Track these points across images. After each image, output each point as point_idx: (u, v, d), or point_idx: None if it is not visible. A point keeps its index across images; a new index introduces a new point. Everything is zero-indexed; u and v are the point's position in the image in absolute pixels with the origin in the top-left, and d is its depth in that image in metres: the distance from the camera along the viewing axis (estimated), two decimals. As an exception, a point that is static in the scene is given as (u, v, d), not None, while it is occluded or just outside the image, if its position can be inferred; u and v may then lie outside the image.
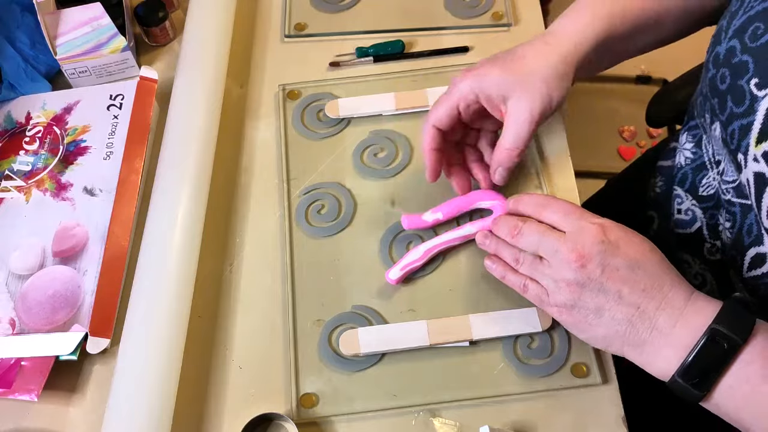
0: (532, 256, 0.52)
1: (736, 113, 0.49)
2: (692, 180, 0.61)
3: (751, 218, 0.52)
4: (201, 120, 0.66)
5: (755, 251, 0.52)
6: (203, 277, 0.61)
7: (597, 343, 0.51)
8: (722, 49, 0.51)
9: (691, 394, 0.46)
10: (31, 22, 0.73)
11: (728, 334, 0.45)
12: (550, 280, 0.50)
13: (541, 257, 0.51)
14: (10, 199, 0.67)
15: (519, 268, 0.53)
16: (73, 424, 0.57)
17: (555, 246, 0.50)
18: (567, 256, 0.49)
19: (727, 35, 0.51)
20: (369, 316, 0.59)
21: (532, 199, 0.54)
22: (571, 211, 0.51)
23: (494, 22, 0.75)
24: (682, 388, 0.46)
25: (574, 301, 0.49)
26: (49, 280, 0.61)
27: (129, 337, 0.56)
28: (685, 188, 0.62)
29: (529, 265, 0.52)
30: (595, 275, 0.48)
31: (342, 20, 0.77)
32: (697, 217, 0.60)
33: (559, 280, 0.50)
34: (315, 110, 0.71)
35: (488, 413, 0.55)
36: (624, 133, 1.69)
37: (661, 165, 0.72)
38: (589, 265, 0.48)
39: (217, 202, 0.66)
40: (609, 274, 0.48)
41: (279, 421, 0.55)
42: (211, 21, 0.72)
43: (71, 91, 0.73)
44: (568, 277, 0.49)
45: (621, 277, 0.48)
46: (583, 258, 0.48)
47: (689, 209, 0.61)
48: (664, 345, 0.47)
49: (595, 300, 0.48)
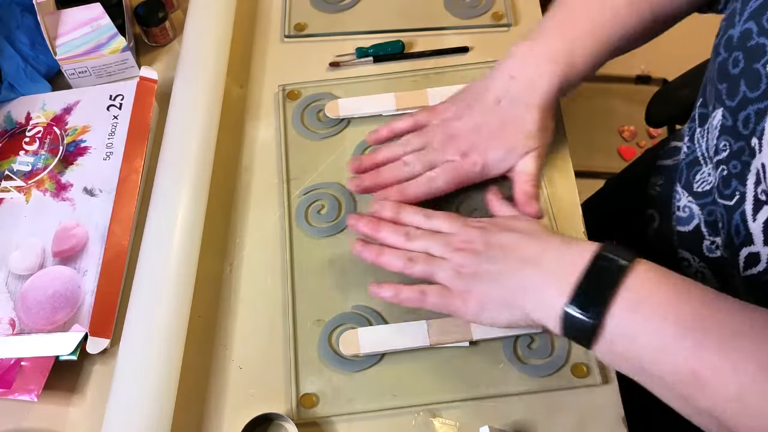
0: (424, 255, 0.54)
1: (750, 98, 0.48)
2: (687, 176, 0.61)
3: (736, 218, 0.52)
4: (201, 120, 0.66)
5: (747, 251, 0.52)
6: (203, 277, 0.61)
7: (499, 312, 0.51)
8: (736, 32, 0.50)
9: (583, 326, 0.45)
10: (31, 22, 0.73)
11: (613, 257, 0.46)
12: (448, 271, 0.52)
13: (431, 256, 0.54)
14: (10, 199, 0.67)
15: (413, 267, 0.54)
16: (73, 424, 0.57)
17: (445, 241, 0.54)
18: (456, 246, 0.53)
19: (741, 17, 0.50)
20: (369, 316, 0.59)
21: (415, 210, 0.57)
22: (454, 218, 0.56)
23: (494, 22, 0.75)
24: (574, 321, 0.46)
25: (470, 280, 0.51)
26: (49, 280, 0.61)
27: (129, 337, 0.56)
28: (681, 184, 0.62)
29: (424, 262, 0.54)
30: (483, 250, 0.52)
31: (342, 20, 0.77)
32: (695, 214, 0.60)
33: (455, 267, 0.52)
34: (315, 110, 0.71)
35: (488, 413, 0.55)
36: (624, 133, 1.69)
37: (661, 164, 0.72)
38: (475, 246, 0.52)
39: (217, 202, 0.66)
40: (493, 245, 0.52)
41: (279, 421, 0.55)
42: (211, 21, 0.72)
43: (71, 91, 0.73)
44: (460, 261, 0.52)
45: (504, 242, 0.52)
46: (470, 243, 0.53)
47: (686, 206, 0.61)
48: (550, 282, 0.48)
49: (485, 268, 0.51)
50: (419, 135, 0.62)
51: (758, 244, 0.50)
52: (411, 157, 0.61)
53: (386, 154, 0.62)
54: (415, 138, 0.62)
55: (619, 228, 0.77)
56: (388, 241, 0.56)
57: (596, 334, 0.45)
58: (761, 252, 0.50)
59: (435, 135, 0.61)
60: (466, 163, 0.59)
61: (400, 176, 0.61)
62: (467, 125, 0.60)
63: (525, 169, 0.59)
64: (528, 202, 0.58)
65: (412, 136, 0.62)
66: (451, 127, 0.61)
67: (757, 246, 0.50)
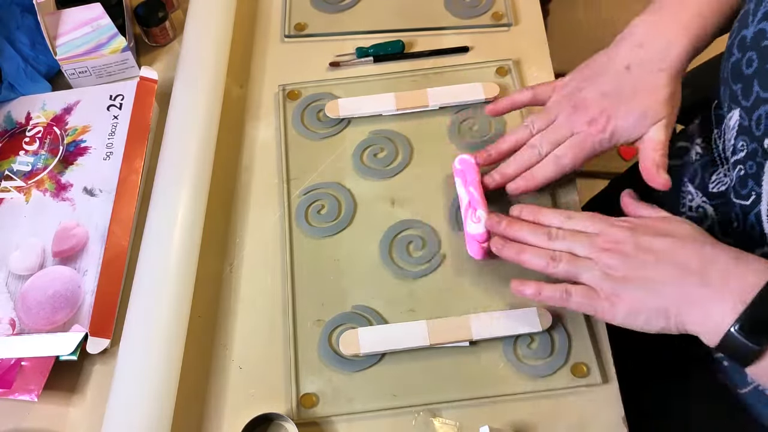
0: (568, 254, 0.52)
1: (764, 98, 0.48)
2: (702, 176, 0.61)
3: (751, 218, 0.52)
4: (201, 120, 0.66)
5: (760, 252, 0.51)
6: (203, 277, 0.61)
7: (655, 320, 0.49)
8: (749, 33, 0.50)
9: (746, 349, 0.44)
10: (31, 22, 0.73)
11: None
12: (595, 272, 0.51)
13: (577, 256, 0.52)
14: (10, 200, 0.67)
15: (557, 266, 0.52)
16: (73, 424, 0.57)
17: (589, 241, 0.52)
18: (602, 246, 0.51)
19: (755, 18, 0.50)
20: (369, 316, 0.59)
21: (555, 211, 0.56)
22: (597, 218, 0.54)
23: (494, 22, 0.75)
24: (737, 343, 0.45)
25: (620, 284, 0.50)
26: (49, 280, 0.61)
27: (129, 337, 0.56)
28: (695, 185, 0.62)
29: (567, 262, 0.52)
30: (633, 253, 0.50)
31: (342, 20, 0.77)
32: (708, 215, 0.60)
33: (603, 269, 0.50)
34: (315, 110, 0.71)
35: (488, 413, 0.55)
36: (624, 133, 1.69)
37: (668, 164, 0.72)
38: (624, 248, 0.50)
39: (217, 202, 0.66)
40: (644, 248, 0.50)
41: (279, 421, 0.55)
42: (211, 21, 0.72)
43: (71, 91, 0.73)
44: (609, 262, 0.50)
45: (657, 248, 0.49)
46: (618, 243, 0.51)
47: (700, 206, 0.61)
48: (718, 299, 0.46)
49: (639, 274, 0.49)
50: (542, 115, 0.60)
51: None
52: (536, 139, 0.59)
53: (512, 140, 0.61)
54: (539, 119, 0.60)
55: None
56: (529, 242, 0.55)
57: (756, 359, 0.45)
58: None
59: (560, 110, 0.60)
60: (593, 130, 0.57)
61: (530, 162, 0.59)
62: (593, 94, 0.58)
63: (655, 136, 0.57)
64: (657, 171, 0.56)
65: (535, 116, 0.61)
66: (576, 98, 0.59)
67: None
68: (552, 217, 0.55)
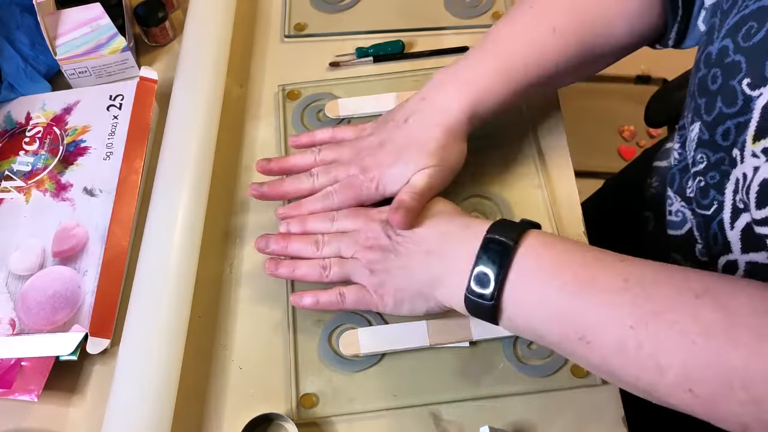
0: (337, 259, 0.56)
1: (728, 113, 0.48)
2: (679, 181, 0.61)
3: (714, 227, 0.52)
4: (201, 120, 0.66)
5: (725, 259, 0.52)
6: (203, 277, 0.61)
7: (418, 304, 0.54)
8: (714, 49, 0.50)
9: (484, 307, 0.48)
10: (31, 22, 0.73)
11: (500, 239, 0.48)
12: (361, 270, 0.55)
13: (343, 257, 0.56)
14: (10, 200, 0.67)
15: (329, 274, 0.56)
16: (73, 424, 0.57)
17: (352, 240, 0.56)
18: (364, 243, 0.55)
19: (719, 34, 0.50)
20: (369, 316, 0.59)
21: (320, 217, 0.59)
22: (356, 212, 0.58)
23: (494, 22, 0.75)
24: (476, 304, 0.49)
25: (382, 277, 0.54)
26: (49, 280, 0.61)
27: (129, 337, 0.56)
28: (674, 189, 0.62)
29: (337, 266, 0.56)
30: (389, 246, 0.54)
31: (342, 20, 0.77)
32: (687, 219, 0.60)
33: (366, 265, 0.55)
34: (315, 110, 0.71)
35: (488, 413, 0.55)
36: (624, 133, 1.69)
37: (656, 165, 0.72)
38: (381, 242, 0.55)
39: (217, 202, 0.66)
40: (397, 239, 0.54)
41: (279, 421, 0.55)
42: (211, 21, 0.72)
43: (71, 91, 0.73)
44: (371, 257, 0.55)
45: (407, 237, 0.54)
46: (376, 238, 0.55)
47: (679, 210, 0.61)
48: (454, 270, 0.50)
49: (395, 264, 0.54)
50: (333, 147, 0.62)
51: (736, 252, 0.50)
52: (317, 169, 0.61)
53: (296, 161, 0.63)
54: (328, 150, 0.62)
55: (617, 229, 0.77)
56: (301, 254, 0.58)
57: (497, 313, 0.48)
58: (739, 260, 0.50)
59: (346, 149, 0.61)
60: (364, 178, 0.59)
61: (301, 188, 0.61)
62: (374, 142, 0.60)
63: (413, 181, 0.57)
64: (396, 210, 0.54)
65: (326, 147, 0.63)
66: (361, 142, 0.61)
67: (735, 254, 0.50)
68: (317, 223, 0.58)
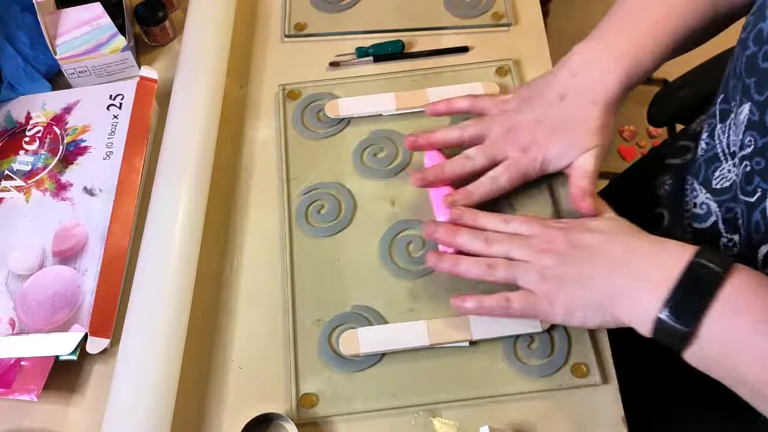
0: (504, 260, 0.54)
1: None
2: (705, 172, 0.61)
3: (756, 216, 0.52)
4: (201, 120, 0.66)
5: (766, 249, 0.51)
6: (203, 277, 0.61)
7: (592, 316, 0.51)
8: (766, 26, 0.50)
9: (674, 335, 0.45)
10: (31, 22, 0.73)
11: (708, 265, 0.45)
12: (532, 275, 0.52)
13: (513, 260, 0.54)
14: (10, 199, 0.67)
15: (495, 274, 0.54)
16: (73, 424, 0.57)
17: (526, 243, 0.53)
18: (538, 248, 0.53)
19: None
20: (369, 316, 0.59)
21: (492, 215, 0.57)
22: (532, 220, 0.55)
23: (494, 22, 0.75)
24: (668, 328, 0.46)
25: (555, 283, 0.51)
26: (48, 280, 0.61)
27: (129, 337, 0.56)
28: (699, 181, 0.61)
29: (505, 267, 0.53)
30: (565, 251, 0.52)
31: (342, 20, 0.77)
32: (712, 211, 0.60)
33: (539, 270, 0.52)
34: (315, 110, 0.71)
35: (488, 413, 0.55)
36: (624, 133, 1.69)
37: (670, 163, 0.72)
38: (557, 246, 0.52)
39: (217, 202, 0.66)
40: (576, 245, 0.52)
41: (279, 421, 0.55)
42: (211, 21, 0.72)
43: (71, 91, 0.73)
44: (545, 263, 0.52)
45: (587, 243, 0.52)
46: (551, 243, 0.53)
47: (704, 203, 0.61)
48: (644, 288, 0.48)
49: (571, 270, 0.51)
50: (478, 123, 0.61)
51: None
52: (473, 151, 0.60)
53: (444, 135, 0.62)
54: (474, 125, 0.61)
55: None
56: (467, 248, 0.55)
57: (688, 341, 0.45)
58: None
59: (494, 126, 0.60)
60: (525, 158, 0.58)
61: (464, 171, 0.60)
62: (528, 118, 0.59)
63: (583, 165, 0.58)
64: (583, 198, 0.57)
65: (471, 122, 0.61)
66: (512, 119, 0.60)
67: None
68: (490, 220, 0.57)
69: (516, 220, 0.56)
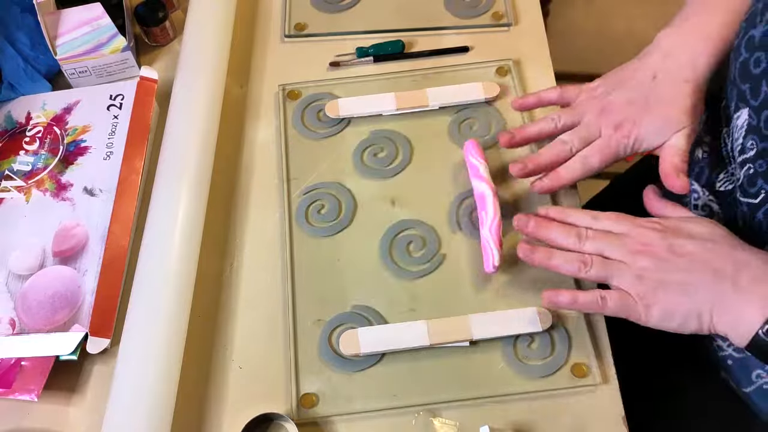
0: (599, 258, 0.53)
1: None
2: (709, 175, 0.61)
3: (759, 216, 0.52)
4: (201, 120, 0.66)
5: None
6: (203, 277, 0.61)
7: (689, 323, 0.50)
8: (758, 33, 0.50)
9: None
10: (31, 22, 0.73)
11: None
12: (628, 276, 0.51)
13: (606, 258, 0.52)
14: (10, 199, 0.67)
15: (588, 271, 0.53)
16: (73, 424, 0.57)
17: (620, 242, 0.52)
18: (634, 248, 0.51)
19: (763, 18, 0.50)
20: (369, 316, 0.59)
21: (581, 211, 0.56)
22: (622, 217, 0.54)
23: (494, 22, 0.75)
24: (764, 344, 0.46)
25: (654, 287, 0.50)
26: (49, 280, 0.61)
27: (129, 337, 0.56)
28: (701, 183, 0.62)
29: (599, 266, 0.52)
30: (665, 256, 0.50)
31: (342, 20, 0.77)
32: (714, 213, 0.60)
33: (636, 272, 0.51)
34: (315, 110, 0.71)
35: (488, 413, 0.55)
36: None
37: None
38: (656, 250, 0.51)
39: (217, 202, 0.66)
40: (678, 251, 0.50)
41: (279, 421, 0.55)
42: (211, 21, 0.72)
43: (71, 91, 0.73)
44: (643, 265, 0.51)
45: (690, 251, 0.50)
46: (649, 245, 0.51)
47: (706, 205, 0.61)
48: (749, 303, 0.47)
49: (673, 277, 0.50)
50: (569, 111, 0.61)
51: None
52: (568, 135, 0.60)
53: (539, 129, 0.61)
54: (566, 114, 0.61)
55: None
56: (559, 243, 0.55)
57: None
58: None
59: (587, 110, 0.60)
60: (618, 135, 0.58)
61: (561, 156, 0.60)
62: (620, 98, 0.59)
63: (676, 143, 0.57)
64: (676, 174, 0.56)
65: (562, 112, 0.61)
66: (603, 101, 0.60)
67: None
68: (580, 217, 0.56)
69: (606, 217, 0.55)
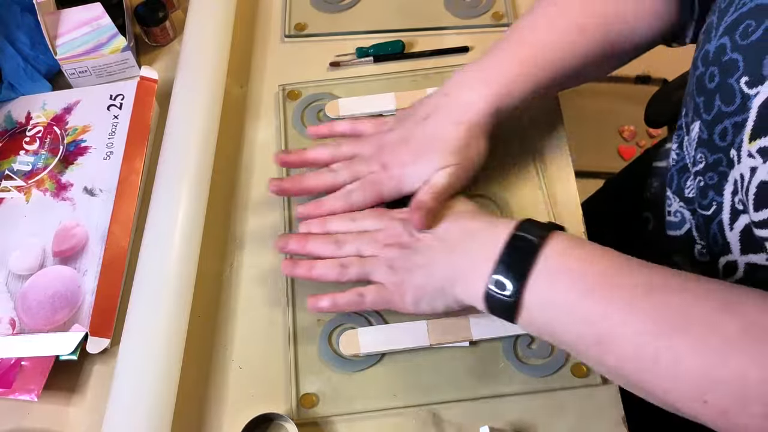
0: (357, 258, 0.56)
1: (726, 112, 0.48)
2: (678, 181, 0.61)
3: (713, 228, 0.52)
4: (201, 120, 0.66)
5: (725, 260, 0.52)
6: (203, 278, 0.61)
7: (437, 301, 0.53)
8: (712, 47, 0.50)
9: (504, 305, 0.48)
10: (31, 22, 0.73)
11: (526, 236, 0.48)
12: (381, 268, 0.54)
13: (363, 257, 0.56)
14: (10, 199, 0.67)
15: (348, 273, 0.55)
16: (73, 424, 0.57)
17: (373, 238, 0.56)
18: (384, 241, 0.55)
19: (717, 33, 0.50)
20: (369, 316, 0.59)
21: (341, 217, 0.58)
22: (380, 213, 0.58)
23: (494, 22, 0.75)
24: (496, 300, 0.48)
25: (402, 275, 0.53)
26: (49, 280, 0.61)
27: (129, 337, 0.56)
28: (672, 190, 0.62)
29: (357, 265, 0.55)
30: (409, 243, 0.54)
31: (342, 20, 0.77)
32: (686, 219, 0.60)
33: (386, 263, 0.54)
34: (315, 110, 0.71)
35: (488, 413, 0.55)
36: (624, 133, 1.69)
37: (656, 166, 0.72)
38: (402, 239, 0.55)
39: (217, 202, 0.66)
40: (418, 237, 0.54)
41: (279, 421, 0.55)
42: (211, 21, 0.72)
43: (71, 91, 0.73)
44: (391, 255, 0.54)
45: (429, 235, 0.54)
46: (397, 236, 0.55)
47: (678, 211, 0.61)
48: (477, 265, 0.50)
49: (416, 261, 0.53)
50: (353, 142, 0.62)
51: (735, 253, 0.50)
52: (338, 165, 0.61)
53: (316, 154, 0.62)
54: (348, 144, 0.62)
55: (617, 229, 0.77)
56: (320, 253, 0.57)
57: (516, 310, 0.48)
58: (738, 261, 0.50)
59: (366, 145, 0.61)
60: (384, 175, 0.58)
61: (323, 184, 0.61)
62: (396, 137, 0.60)
63: (434, 180, 0.57)
64: (417, 210, 0.54)
65: (345, 141, 0.62)
66: (382, 139, 0.61)
67: (735, 255, 0.50)
68: (337, 223, 0.58)
69: (364, 216, 0.58)
